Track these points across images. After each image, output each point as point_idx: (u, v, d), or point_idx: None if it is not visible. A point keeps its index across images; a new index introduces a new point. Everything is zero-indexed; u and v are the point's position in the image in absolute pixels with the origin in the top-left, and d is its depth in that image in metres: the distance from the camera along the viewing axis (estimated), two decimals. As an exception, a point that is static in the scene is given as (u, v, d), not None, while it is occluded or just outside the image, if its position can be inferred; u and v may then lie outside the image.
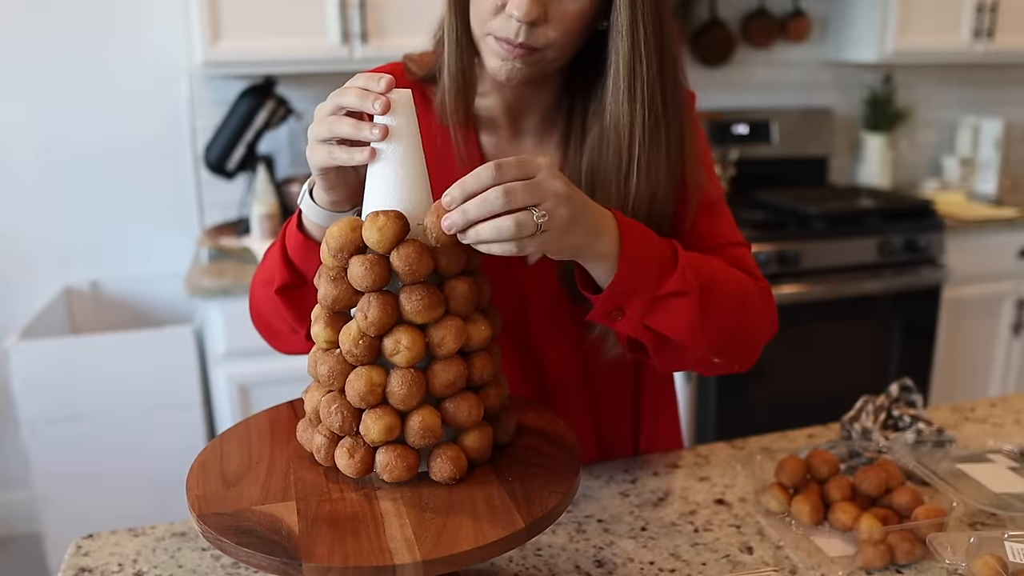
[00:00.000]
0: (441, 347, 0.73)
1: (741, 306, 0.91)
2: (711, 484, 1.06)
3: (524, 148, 0.99)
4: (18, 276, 2.58)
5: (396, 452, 0.73)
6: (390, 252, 0.72)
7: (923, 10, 2.87)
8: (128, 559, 0.91)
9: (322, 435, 0.76)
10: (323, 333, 0.76)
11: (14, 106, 2.48)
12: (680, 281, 0.82)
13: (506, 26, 0.83)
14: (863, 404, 1.15)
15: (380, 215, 0.72)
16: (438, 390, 0.74)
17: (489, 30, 0.85)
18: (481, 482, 0.75)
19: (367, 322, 0.72)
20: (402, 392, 0.72)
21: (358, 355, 0.73)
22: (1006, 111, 3.42)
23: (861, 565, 0.87)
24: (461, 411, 0.75)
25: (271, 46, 2.32)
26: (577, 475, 0.77)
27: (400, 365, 0.73)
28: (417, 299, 0.72)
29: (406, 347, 0.72)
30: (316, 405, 0.77)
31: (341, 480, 0.75)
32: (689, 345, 0.86)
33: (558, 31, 0.83)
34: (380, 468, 0.74)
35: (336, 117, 0.75)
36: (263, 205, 2.40)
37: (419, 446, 0.74)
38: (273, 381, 2.20)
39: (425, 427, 0.73)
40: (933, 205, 2.81)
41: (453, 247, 0.74)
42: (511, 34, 0.82)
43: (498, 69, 0.86)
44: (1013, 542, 0.84)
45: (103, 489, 2.22)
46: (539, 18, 0.81)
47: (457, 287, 0.75)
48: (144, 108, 2.57)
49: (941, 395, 2.89)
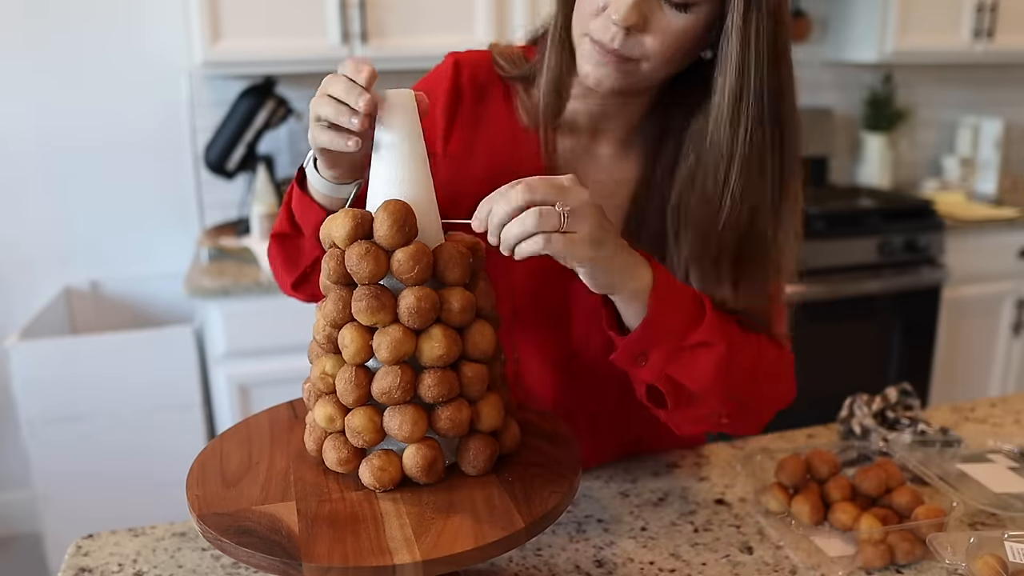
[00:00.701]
0: (423, 355, 0.73)
1: (759, 371, 0.89)
2: (711, 484, 1.06)
3: (601, 158, 0.98)
4: (18, 276, 2.58)
5: (383, 458, 0.74)
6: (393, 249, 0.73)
7: (923, 10, 2.87)
8: (128, 559, 0.91)
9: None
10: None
11: (14, 106, 2.48)
12: (708, 332, 0.82)
13: (604, 29, 0.81)
14: (851, 401, 1.16)
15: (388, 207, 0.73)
16: (426, 395, 0.74)
17: (587, 31, 0.83)
18: (481, 482, 0.75)
19: (322, 313, 0.75)
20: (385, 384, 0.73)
21: (322, 342, 0.76)
22: (1006, 111, 3.42)
23: (861, 565, 0.87)
24: (444, 416, 0.74)
25: (271, 46, 2.32)
26: (577, 475, 0.77)
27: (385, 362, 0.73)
28: (358, 300, 0.72)
29: (386, 346, 0.72)
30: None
31: (341, 480, 0.75)
32: (707, 397, 0.86)
33: (656, 44, 0.81)
34: (363, 473, 0.74)
35: (320, 98, 0.74)
36: (263, 205, 2.40)
37: (400, 448, 0.75)
38: (273, 381, 2.20)
39: (370, 429, 0.73)
40: (933, 205, 2.81)
41: (454, 254, 0.74)
42: (607, 38, 0.81)
43: (589, 73, 0.84)
44: (1013, 542, 0.84)
45: (103, 489, 2.22)
46: (637, 24, 0.79)
47: (450, 298, 0.74)
48: (144, 108, 2.57)
49: (941, 395, 2.89)
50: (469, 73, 0.97)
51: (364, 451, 0.75)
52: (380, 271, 0.72)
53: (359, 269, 0.71)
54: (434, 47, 1.08)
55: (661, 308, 0.80)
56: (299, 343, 2.18)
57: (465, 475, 0.76)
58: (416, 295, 0.71)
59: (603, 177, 0.97)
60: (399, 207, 0.72)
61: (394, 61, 2.35)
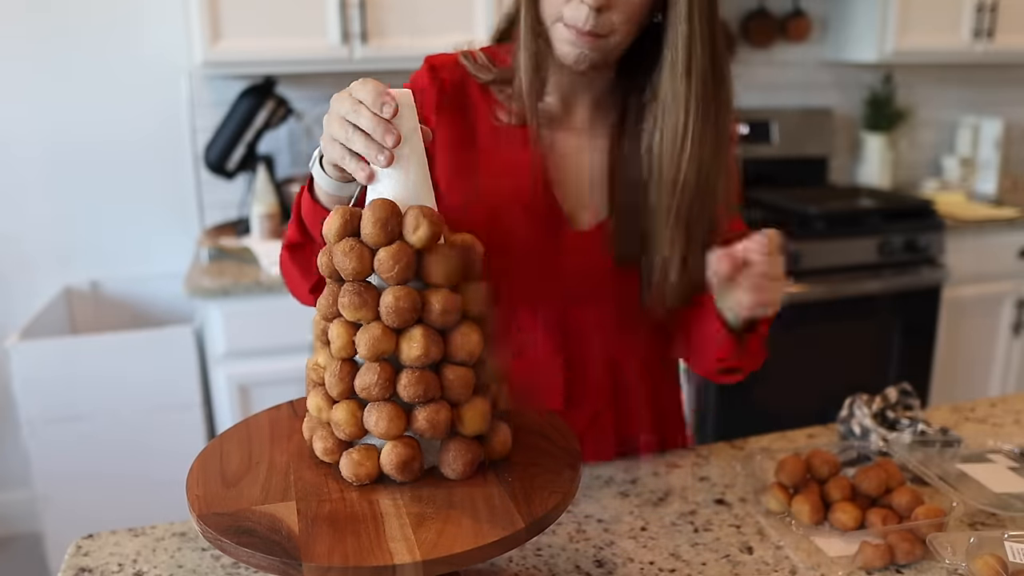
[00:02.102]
0: (401, 354, 0.73)
1: None
2: (711, 484, 1.06)
3: (576, 137, 1.03)
4: (18, 276, 2.58)
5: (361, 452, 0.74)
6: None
7: (923, 10, 2.87)
8: (128, 559, 0.91)
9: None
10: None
11: (14, 106, 2.48)
12: None
13: (576, 13, 0.89)
14: (851, 401, 1.16)
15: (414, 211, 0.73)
16: (407, 395, 0.73)
17: (559, 17, 0.91)
18: (481, 482, 0.75)
19: (317, 306, 0.78)
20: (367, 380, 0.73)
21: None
22: (1006, 111, 3.42)
23: (861, 565, 0.87)
24: (426, 417, 0.74)
25: (271, 46, 2.32)
26: (577, 475, 0.77)
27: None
28: (343, 296, 0.73)
29: (366, 343, 0.72)
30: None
31: (341, 480, 0.75)
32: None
33: (622, 18, 0.90)
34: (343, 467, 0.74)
35: (353, 131, 0.74)
36: (263, 205, 2.40)
37: (380, 444, 0.75)
38: (273, 381, 2.20)
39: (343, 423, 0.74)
40: (933, 205, 2.81)
41: (439, 255, 0.73)
42: (580, 21, 0.89)
43: (567, 55, 0.92)
44: (1013, 542, 0.84)
45: (103, 489, 2.22)
46: (606, 4, 0.88)
47: (431, 299, 0.73)
48: (144, 108, 2.57)
49: (941, 395, 2.89)
50: (447, 74, 1.01)
51: (349, 444, 0.75)
52: (364, 268, 0.73)
53: (344, 265, 0.72)
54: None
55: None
56: (299, 343, 2.19)
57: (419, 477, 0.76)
58: (395, 294, 0.71)
59: (582, 152, 1.03)
60: (383, 206, 0.72)
61: (394, 61, 2.36)
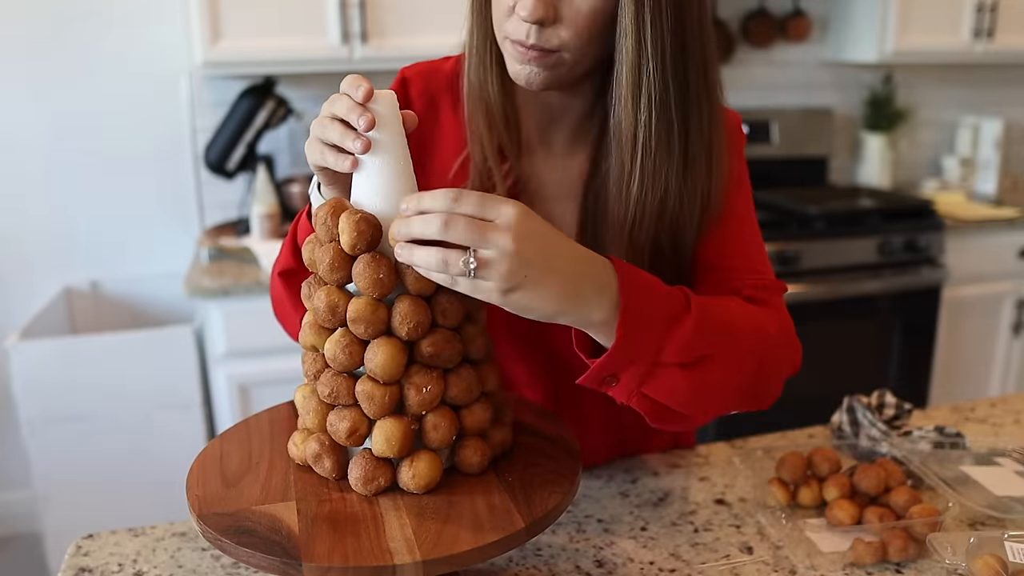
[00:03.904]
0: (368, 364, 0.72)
1: (759, 356, 0.86)
2: (711, 484, 1.06)
3: (553, 165, 0.97)
4: (18, 276, 2.58)
5: (366, 458, 0.74)
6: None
7: (923, 10, 2.88)
8: (128, 559, 0.91)
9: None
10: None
11: (14, 106, 2.48)
12: (684, 350, 0.76)
13: (518, 28, 0.81)
14: (850, 401, 1.16)
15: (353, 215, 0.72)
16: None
17: (505, 33, 0.83)
18: (481, 482, 0.75)
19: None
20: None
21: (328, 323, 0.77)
22: (1006, 111, 3.42)
23: (852, 560, 0.88)
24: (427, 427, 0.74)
25: (271, 46, 2.32)
26: (577, 475, 0.77)
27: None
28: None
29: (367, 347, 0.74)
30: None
31: (341, 480, 0.75)
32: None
33: (571, 31, 0.80)
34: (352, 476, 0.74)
35: (328, 120, 0.74)
36: (263, 205, 2.40)
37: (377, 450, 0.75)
38: (273, 381, 2.20)
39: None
40: (933, 205, 2.81)
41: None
42: (523, 36, 0.81)
43: (518, 73, 0.84)
44: (1013, 542, 0.84)
45: (103, 489, 2.22)
46: (546, 18, 0.79)
47: (399, 306, 0.72)
48: (144, 108, 2.57)
49: (941, 395, 2.89)
50: (419, 87, 0.99)
51: (334, 445, 0.76)
52: (354, 363, 0.73)
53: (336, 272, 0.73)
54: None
55: (630, 333, 0.73)
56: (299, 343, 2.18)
57: (465, 475, 0.76)
58: (356, 305, 0.72)
59: (557, 175, 0.97)
60: (356, 216, 0.72)
61: (394, 61, 2.36)
